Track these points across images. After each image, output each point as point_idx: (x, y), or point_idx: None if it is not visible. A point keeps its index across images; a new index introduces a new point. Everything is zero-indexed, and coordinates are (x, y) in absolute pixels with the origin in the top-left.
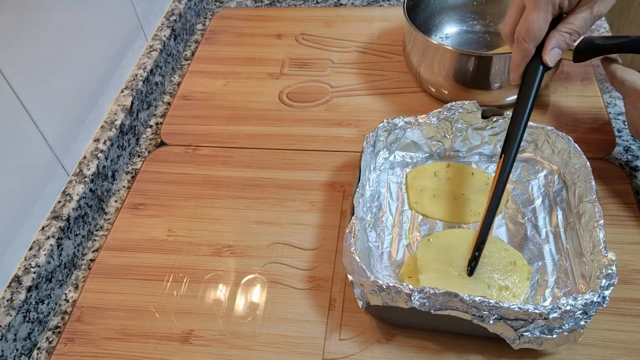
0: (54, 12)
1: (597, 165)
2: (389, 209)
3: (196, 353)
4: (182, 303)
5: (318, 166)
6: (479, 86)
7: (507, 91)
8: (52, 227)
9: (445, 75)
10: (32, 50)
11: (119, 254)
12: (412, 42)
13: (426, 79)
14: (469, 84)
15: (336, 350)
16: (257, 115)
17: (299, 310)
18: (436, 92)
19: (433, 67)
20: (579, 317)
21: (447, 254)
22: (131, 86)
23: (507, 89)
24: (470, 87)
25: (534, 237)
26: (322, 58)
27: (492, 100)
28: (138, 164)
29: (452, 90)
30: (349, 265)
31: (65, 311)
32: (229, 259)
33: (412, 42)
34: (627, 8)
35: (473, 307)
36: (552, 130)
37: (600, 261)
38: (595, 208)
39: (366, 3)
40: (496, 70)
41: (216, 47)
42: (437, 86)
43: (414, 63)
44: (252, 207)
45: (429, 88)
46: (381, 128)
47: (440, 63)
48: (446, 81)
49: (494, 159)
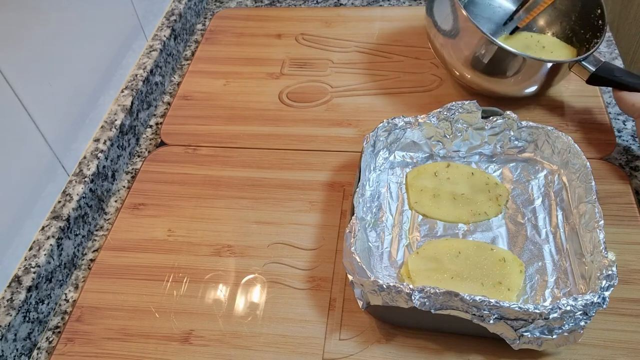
0: (54, 12)
1: (597, 165)
2: (389, 209)
3: (196, 353)
4: (182, 303)
5: (318, 166)
6: (498, 74)
7: (525, 82)
8: (52, 227)
9: (465, 60)
10: (32, 50)
11: (119, 254)
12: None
13: (449, 62)
14: (489, 72)
15: (336, 350)
16: (257, 115)
17: (299, 310)
18: (459, 76)
19: (459, 49)
20: (579, 318)
21: (436, 262)
22: (131, 86)
23: (526, 81)
24: (490, 75)
25: (534, 237)
26: (322, 58)
27: (511, 91)
28: (138, 164)
29: (472, 76)
30: (349, 265)
31: (65, 311)
32: (229, 259)
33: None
34: (627, 8)
35: (473, 306)
36: (552, 130)
37: (600, 262)
38: (595, 208)
39: (366, 3)
40: (516, 61)
41: (216, 47)
42: (460, 69)
43: (438, 44)
44: (252, 207)
45: (452, 71)
46: (381, 128)
47: (466, 46)
48: (466, 66)
49: (494, 159)
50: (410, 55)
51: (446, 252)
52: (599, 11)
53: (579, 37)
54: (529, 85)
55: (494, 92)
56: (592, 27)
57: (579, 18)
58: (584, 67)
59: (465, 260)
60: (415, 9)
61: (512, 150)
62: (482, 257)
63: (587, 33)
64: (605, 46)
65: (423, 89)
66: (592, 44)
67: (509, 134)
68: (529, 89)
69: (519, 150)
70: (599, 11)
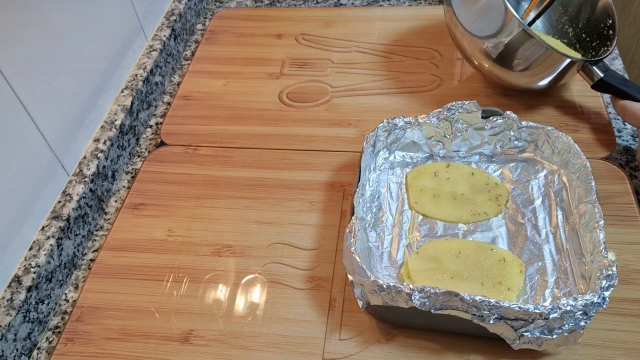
0: (54, 11)
1: (597, 165)
2: (389, 209)
3: (196, 353)
4: (182, 303)
5: (318, 166)
6: (515, 64)
7: (540, 75)
8: (52, 227)
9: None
10: (32, 50)
11: (119, 254)
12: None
13: (468, 51)
14: (505, 64)
15: (336, 350)
16: (257, 115)
17: (299, 310)
18: (477, 65)
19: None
20: (579, 318)
21: (436, 262)
22: (131, 86)
23: (541, 73)
24: (505, 67)
25: (534, 237)
26: (322, 58)
27: (524, 82)
28: (138, 164)
29: (490, 65)
30: (349, 265)
31: (65, 311)
32: (229, 259)
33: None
34: (627, 8)
35: (473, 306)
36: (552, 130)
37: (600, 262)
38: (595, 208)
39: (366, 3)
40: (531, 53)
41: (216, 47)
42: (478, 59)
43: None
44: (252, 207)
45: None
46: (381, 128)
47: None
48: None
49: (494, 159)
50: (410, 55)
51: (446, 252)
52: (610, 21)
53: (583, 45)
54: (543, 78)
55: (508, 82)
56: (600, 35)
57: (587, 26)
58: (593, 71)
59: (465, 260)
60: (415, 9)
61: (512, 150)
62: (482, 257)
63: (593, 41)
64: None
65: (423, 89)
66: (600, 51)
67: (509, 134)
68: (542, 81)
69: (519, 150)
70: (610, 21)
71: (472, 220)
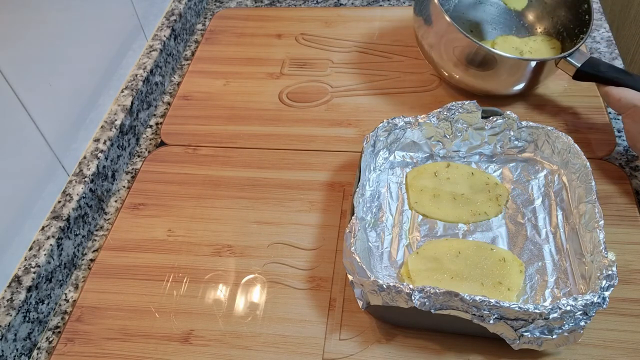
0: (54, 12)
1: (597, 165)
2: (389, 209)
3: (196, 353)
4: (182, 303)
5: (318, 166)
6: (487, 73)
7: (511, 80)
8: (52, 227)
9: (456, 61)
10: (32, 50)
11: (119, 254)
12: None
13: (438, 63)
14: (477, 71)
15: (336, 350)
16: (257, 115)
17: (299, 310)
18: (447, 77)
19: (445, 51)
20: (579, 318)
21: (436, 262)
22: (131, 86)
23: (514, 79)
24: (477, 74)
25: (534, 237)
26: (322, 58)
27: (499, 89)
28: (138, 164)
29: (462, 75)
30: (349, 265)
31: (65, 311)
32: (229, 259)
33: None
34: (627, 8)
35: (473, 306)
36: (552, 130)
37: (600, 262)
38: (595, 209)
39: (366, 3)
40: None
41: (216, 47)
42: (448, 70)
43: (427, 46)
44: (252, 207)
45: (441, 72)
46: (381, 128)
47: (450, 48)
48: (456, 66)
49: (494, 159)
50: (410, 55)
51: (446, 252)
52: (585, 6)
53: (569, 32)
54: (515, 83)
55: (482, 91)
56: (581, 22)
57: (569, 13)
58: (569, 62)
59: (465, 260)
60: None
61: (512, 150)
62: (482, 257)
63: (575, 28)
64: (605, 46)
65: (423, 89)
66: (580, 39)
67: (509, 134)
68: (517, 86)
69: (519, 150)
70: (586, 6)
71: (472, 220)
